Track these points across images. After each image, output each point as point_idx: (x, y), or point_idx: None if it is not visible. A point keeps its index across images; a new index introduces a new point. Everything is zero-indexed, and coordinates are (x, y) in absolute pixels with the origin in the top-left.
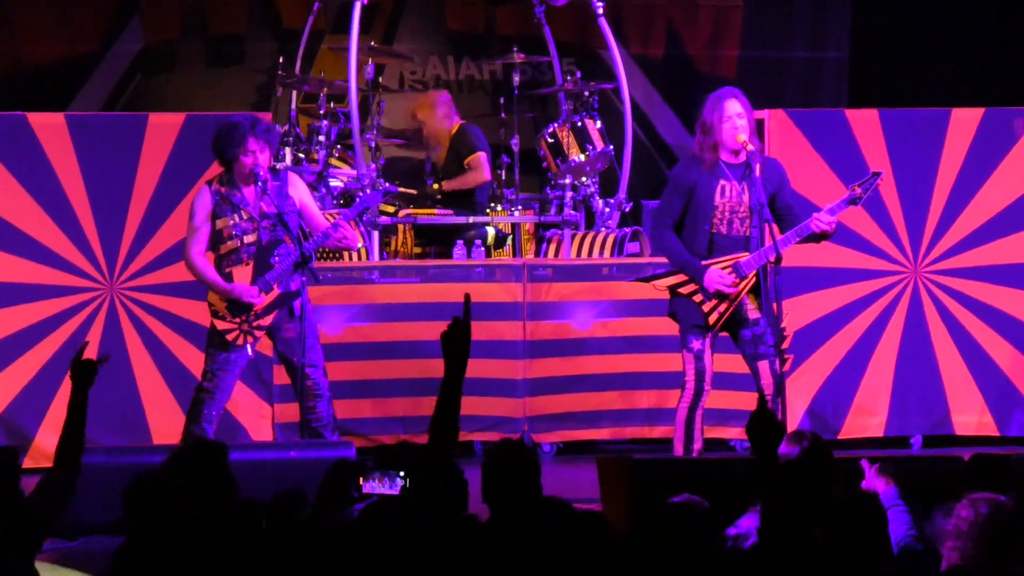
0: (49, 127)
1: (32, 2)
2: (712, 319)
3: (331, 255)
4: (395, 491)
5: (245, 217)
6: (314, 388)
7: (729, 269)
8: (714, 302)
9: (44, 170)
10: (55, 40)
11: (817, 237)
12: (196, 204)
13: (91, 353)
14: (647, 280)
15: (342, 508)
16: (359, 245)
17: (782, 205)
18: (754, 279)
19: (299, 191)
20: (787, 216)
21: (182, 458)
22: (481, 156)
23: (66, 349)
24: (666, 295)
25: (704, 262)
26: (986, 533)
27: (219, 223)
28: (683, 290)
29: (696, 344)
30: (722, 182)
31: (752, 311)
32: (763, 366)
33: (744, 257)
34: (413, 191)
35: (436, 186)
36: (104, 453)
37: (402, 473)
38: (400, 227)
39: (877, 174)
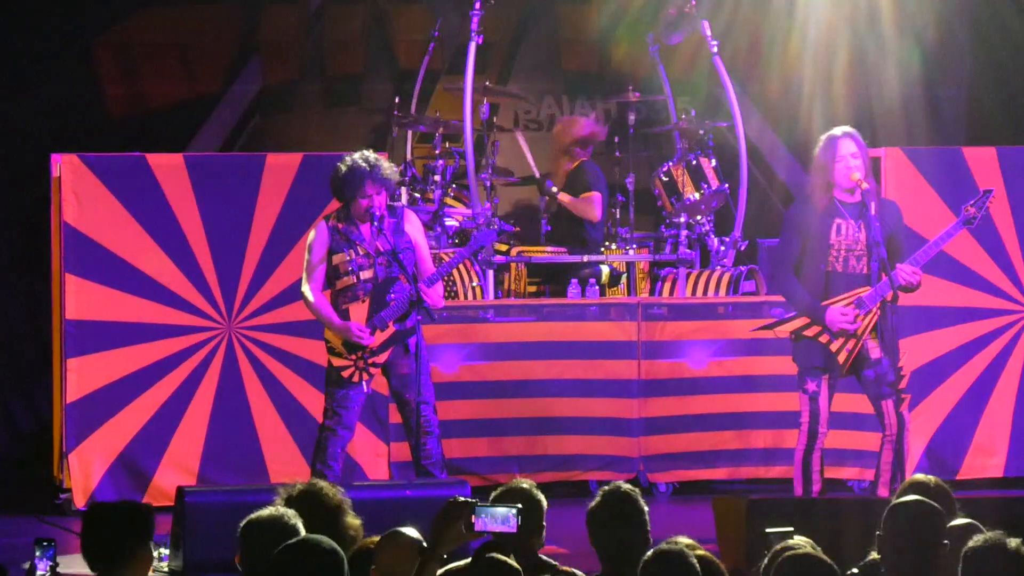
0: (168, 167)
1: (152, 43)
2: (842, 358)
3: (446, 294)
4: (509, 528)
5: (361, 253)
6: (425, 426)
7: (851, 305)
8: (841, 341)
9: (163, 210)
10: (175, 81)
11: (905, 288)
12: (313, 240)
13: None
14: (771, 327)
15: (454, 546)
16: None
17: (895, 247)
18: (877, 314)
19: (415, 229)
20: (896, 259)
21: (294, 500)
22: (596, 196)
23: (184, 388)
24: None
25: (825, 302)
26: None
27: (335, 259)
28: (808, 332)
29: (811, 386)
30: (838, 220)
31: (874, 350)
32: (887, 405)
33: (866, 291)
34: (521, 246)
35: (555, 189)
36: (221, 492)
37: (515, 510)
38: (514, 266)
39: (988, 191)
